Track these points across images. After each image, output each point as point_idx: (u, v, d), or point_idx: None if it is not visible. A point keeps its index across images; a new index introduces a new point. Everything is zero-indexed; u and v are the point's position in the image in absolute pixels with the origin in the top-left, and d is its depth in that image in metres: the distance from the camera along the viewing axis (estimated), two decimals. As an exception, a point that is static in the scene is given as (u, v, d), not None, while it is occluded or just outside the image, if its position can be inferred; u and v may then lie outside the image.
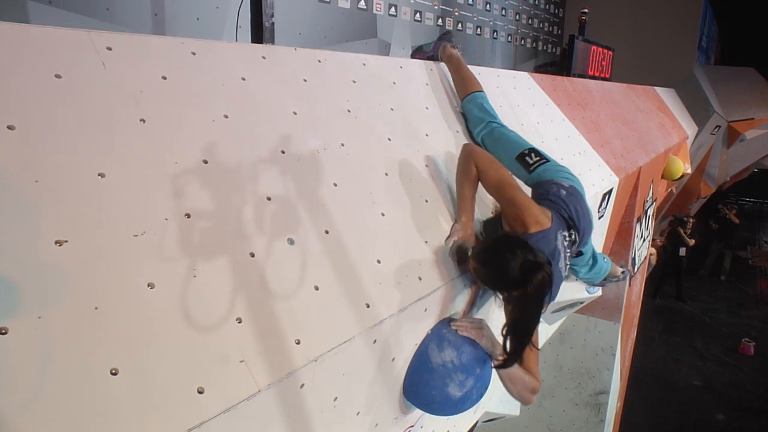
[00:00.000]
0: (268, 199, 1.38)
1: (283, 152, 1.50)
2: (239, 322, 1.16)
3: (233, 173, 1.34)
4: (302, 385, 1.24)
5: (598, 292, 3.37)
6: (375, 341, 1.45)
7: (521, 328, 1.60)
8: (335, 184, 1.58)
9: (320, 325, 1.30)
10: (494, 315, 2.08)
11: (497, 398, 3.97)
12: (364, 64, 2.08)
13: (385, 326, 1.46)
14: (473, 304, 2.00)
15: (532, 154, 2.15)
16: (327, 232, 1.46)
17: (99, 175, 1.10)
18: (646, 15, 11.29)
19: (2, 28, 1.13)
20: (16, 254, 0.94)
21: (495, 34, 9.04)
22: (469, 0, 8.13)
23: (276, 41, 4.73)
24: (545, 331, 3.32)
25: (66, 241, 1.00)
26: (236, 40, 3.61)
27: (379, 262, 1.54)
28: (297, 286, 1.31)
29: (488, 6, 8.68)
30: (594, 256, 2.73)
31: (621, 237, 4.92)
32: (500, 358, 1.66)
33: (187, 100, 1.36)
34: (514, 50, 9.83)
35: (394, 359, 1.60)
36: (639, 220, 5.14)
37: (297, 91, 1.68)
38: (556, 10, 11.46)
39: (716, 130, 11.37)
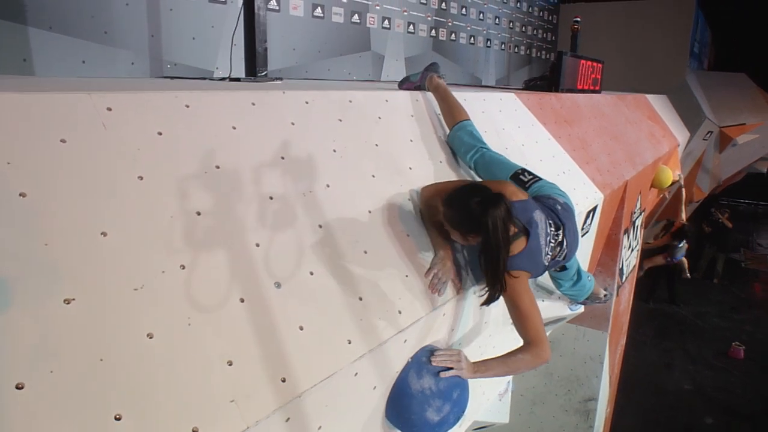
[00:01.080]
0: (257, 245, 1.50)
1: (271, 198, 1.61)
2: (230, 365, 1.28)
3: (224, 224, 1.45)
4: (287, 419, 1.36)
5: (581, 309, 3.49)
6: (356, 374, 1.57)
7: (491, 261, 1.78)
8: (320, 226, 1.70)
9: (304, 363, 1.42)
10: (472, 343, 2.20)
11: (486, 407, 4.09)
12: (350, 101, 2.19)
13: (366, 360, 1.58)
14: (453, 329, 2.12)
15: (525, 173, 2.34)
16: (312, 273, 1.58)
17: (102, 234, 1.22)
18: (639, 23, 11.42)
19: (13, 99, 1.24)
20: (30, 314, 1.05)
21: (488, 42, 9.16)
22: (463, 10, 8.24)
23: (270, 58, 4.85)
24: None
25: (74, 299, 1.11)
26: (231, 61, 3.71)
27: (360, 299, 1.66)
28: (283, 328, 1.43)
29: (481, 15, 8.80)
30: (579, 273, 2.85)
31: (608, 248, 5.04)
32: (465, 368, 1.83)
33: (181, 154, 1.48)
34: (508, 58, 9.95)
35: (375, 387, 1.71)
36: (626, 231, 5.26)
37: (285, 136, 1.80)
38: (550, 17, 11.59)
39: (708, 135, 11.52)
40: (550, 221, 2.09)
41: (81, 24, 3.66)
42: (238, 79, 3.29)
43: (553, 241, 2.09)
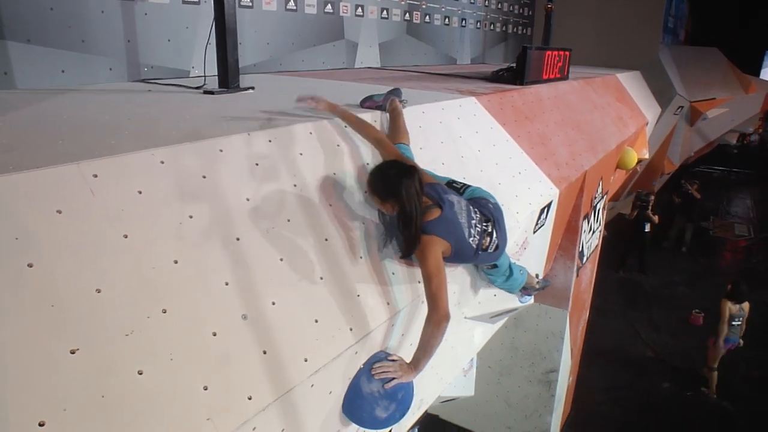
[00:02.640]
0: (226, 284, 1.78)
1: (238, 239, 1.89)
2: (205, 390, 1.58)
3: (198, 268, 1.73)
4: (254, 428, 1.67)
5: (530, 300, 3.83)
6: (312, 385, 1.88)
7: (405, 221, 2.17)
8: (281, 259, 1.98)
9: (266, 381, 1.72)
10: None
11: (451, 383, 4.47)
12: (311, 133, 2.44)
13: (320, 373, 1.89)
14: (404, 334, 2.44)
15: (456, 182, 2.75)
16: (273, 303, 1.87)
17: (96, 290, 1.49)
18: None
19: (14, 179, 1.49)
20: (44, 365, 1.33)
21: (463, 22, 9.28)
22: (437, -8, 8.33)
23: (244, 53, 5.04)
24: (489, 330, 3.78)
25: (78, 349, 1.39)
26: (204, 71, 3.91)
27: (316, 321, 1.96)
28: (250, 353, 1.73)
29: (457, -5, 8.89)
30: (511, 269, 3.15)
31: (568, 233, 5.38)
32: None
33: (158, 209, 1.74)
34: (483, 36, 10.09)
35: (330, 392, 2.04)
36: (587, 216, 5.61)
37: (249, 177, 2.06)
38: (527, -8, 11.65)
39: (679, 110, 11.83)
40: (476, 210, 2.47)
41: (58, 34, 3.81)
42: (212, 92, 3.51)
43: (479, 226, 2.44)
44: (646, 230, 11.46)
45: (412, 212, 2.14)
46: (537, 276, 3.53)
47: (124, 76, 4.30)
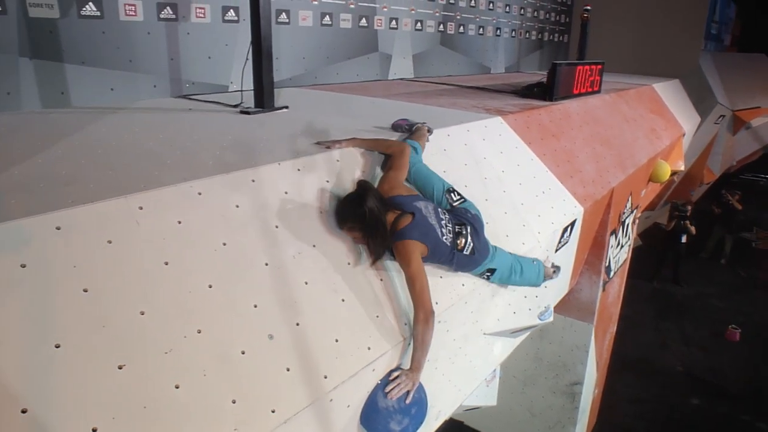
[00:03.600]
0: (255, 306, 1.96)
1: (266, 264, 2.07)
2: (234, 403, 1.77)
3: (229, 292, 1.92)
4: (277, 438, 1.85)
5: (550, 318, 3.90)
6: (331, 400, 2.05)
7: (374, 234, 2.36)
8: (306, 282, 2.16)
9: (289, 396, 1.90)
10: (440, 356, 2.66)
11: (474, 392, 4.57)
12: (337, 161, 2.61)
13: (339, 389, 2.05)
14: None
15: (455, 193, 2.91)
16: (298, 324, 2.05)
17: (140, 312, 1.69)
18: (653, 5, 11.38)
19: (74, 213, 1.70)
20: (96, 380, 1.54)
21: (498, 31, 9.33)
22: (472, 2, 8.42)
23: (281, 68, 5.27)
24: (510, 344, 3.88)
25: (125, 365, 1.59)
26: (242, 78, 4.12)
27: (337, 341, 2.13)
28: (274, 370, 1.90)
29: (491, 5, 8.96)
30: (520, 265, 3.15)
31: (595, 248, 5.42)
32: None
33: (195, 237, 1.94)
34: (518, 44, 10.11)
35: (348, 406, 2.20)
36: (614, 232, 5.62)
37: (278, 205, 2.24)
38: (564, -1, 11.59)
39: (720, 119, 11.58)
40: (444, 212, 2.65)
41: (109, 56, 4.11)
42: (248, 112, 3.73)
43: (449, 225, 2.59)
44: (683, 241, 11.27)
45: (376, 225, 2.34)
46: (552, 264, 3.57)
47: (168, 91, 4.57)
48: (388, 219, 2.42)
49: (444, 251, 2.57)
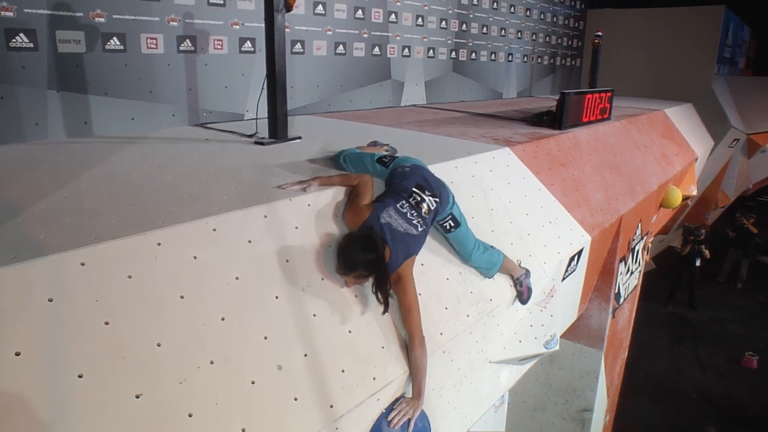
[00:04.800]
0: (265, 338, 2.06)
1: (277, 297, 2.17)
2: (243, 431, 1.85)
3: (241, 324, 2.02)
4: (283, 467, 1.93)
5: (556, 347, 3.94)
6: (337, 429, 2.13)
7: (381, 279, 2.38)
8: (314, 315, 2.25)
9: (296, 425, 1.98)
10: (447, 385, 2.71)
11: (482, 418, 4.60)
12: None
13: (344, 419, 2.13)
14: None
15: (385, 157, 2.97)
16: (306, 355, 2.13)
17: (157, 344, 1.79)
18: (665, 30, 11.49)
19: (98, 250, 1.82)
20: (115, 409, 1.64)
21: (510, 57, 9.46)
22: (483, 29, 8.57)
23: (295, 96, 5.42)
24: (517, 371, 3.92)
25: (142, 394, 1.69)
26: (256, 125, 4.27)
27: (343, 371, 2.21)
28: (283, 400, 1.99)
29: (503, 31, 9.10)
30: (482, 245, 3.13)
31: (604, 275, 5.45)
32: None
33: (209, 271, 2.04)
34: (530, 69, 10.23)
35: (354, 435, 2.27)
36: (623, 259, 5.65)
37: (290, 240, 2.35)
38: (576, 24, 11.74)
39: (734, 143, 11.55)
40: (403, 201, 2.60)
41: (130, 87, 4.29)
42: (262, 143, 3.86)
43: (413, 211, 2.59)
44: (697, 264, 11.19)
45: (385, 271, 2.38)
46: (519, 262, 3.41)
47: (186, 120, 4.74)
48: None
49: (421, 240, 2.60)
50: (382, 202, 2.61)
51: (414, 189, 2.68)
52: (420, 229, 2.59)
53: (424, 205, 2.66)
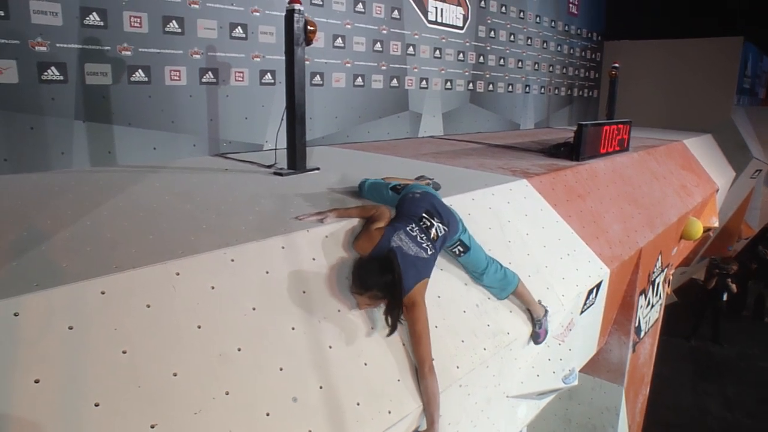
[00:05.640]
0: (281, 369, 2.05)
1: (293, 329, 2.17)
2: (255, 465, 1.83)
3: (257, 355, 2.02)
4: (296, 502, 1.90)
5: (575, 382, 3.86)
6: (352, 464, 2.09)
7: (396, 300, 2.35)
8: (330, 347, 2.24)
9: (310, 460, 1.95)
10: (462, 420, 2.67)
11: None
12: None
13: (359, 454, 2.10)
14: (441, 415, 2.60)
15: (398, 185, 3.02)
16: (321, 387, 2.12)
17: (173, 374, 1.80)
18: (684, 61, 11.51)
19: (118, 279, 1.84)
20: (127, 439, 1.64)
21: (527, 88, 9.53)
22: (501, 61, 8.66)
23: (314, 127, 5.49)
24: (535, 406, 3.84)
25: (157, 424, 1.69)
26: (275, 155, 4.33)
27: (358, 404, 2.18)
28: (296, 433, 1.97)
29: (520, 63, 9.19)
30: (490, 263, 3.10)
31: (623, 309, 5.35)
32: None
33: (226, 302, 2.05)
34: (548, 100, 10.28)
35: (369, 470, 2.23)
36: (643, 292, 5.55)
37: (307, 271, 2.36)
38: (593, 55, 11.81)
39: (756, 174, 11.40)
40: (410, 222, 2.62)
41: (153, 117, 4.40)
42: (281, 174, 3.91)
43: (422, 235, 2.59)
44: (724, 299, 10.95)
45: (400, 293, 2.35)
46: (540, 302, 3.32)
47: (206, 150, 4.83)
48: None
49: (432, 263, 2.60)
50: (393, 226, 2.62)
51: (424, 215, 2.70)
52: (429, 253, 2.59)
53: (433, 231, 2.67)
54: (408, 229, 2.62)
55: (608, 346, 5.42)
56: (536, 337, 3.31)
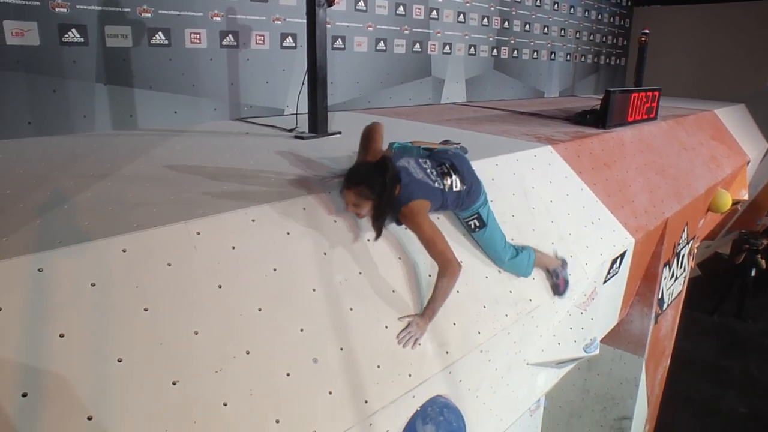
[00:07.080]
0: (301, 330, 2.04)
1: (314, 290, 2.16)
2: (277, 423, 1.84)
3: (278, 315, 2.01)
4: (316, 461, 1.91)
5: (596, 351, 3.81)
6: (371, 424, 2.10)
7: (384, 207, 2.30)
8: (351, 309, 2.22)
9: (330, 419, 1.96)
10: (483, 385, 2.66)
11: (517, 421, 4.51)
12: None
13: (378, 415, 2.10)
14: (461, 380, 2.60)
15: (431, 148, 2.85)
16: (342, 348, 2.11)
17: (194, 332, 1.80)
18: (717, 27, 11.06)
19: (139, 237, 1.84)
20: (152, 392, 1.65)
21: (553, 55, 9.28)
22: (526, 26, 8.42)
23: (335, 92, 5.43)
24: (555, 374, 3.82)
25: (179, 381, 1.70)
26: (297, 102, 4.28)
27: (378, 366, 2.18)
28: (317, 393, 1.97)
29: (546, 29, 8.93)
30: (510, 250, 2.99)
31: (647, 280, 5.26)
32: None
33: (248, 262, 2.04)
34: (573, 68, 10.01)
35: (388, 431, 2.24)
36: (668, 263, 5.45)
37: (328, 233, 2.33)
38: (622, 21, 11.42)
39: (790, 146, 11.01)
40: (425, 160, 2.57)
41: (174, 81, 4.37)
42: (302, 137, 3.87)
43: (434, 171, 2.53)
44: (752, 274, 10.74)
45: (389, 196, 2.28)
46: (556, 254, 3.31)
47: (227, 114, 4.80)
48: None
49: (437, 196, 2.50)
50: (405, 157, 2.55)
51: (446, 163, 2.62)
52: (436, 187, 2.49)
53: (449, 180, 2.57)
54: (420, 161, 2.55)
55: (630, 317, 5.36)
56: (556, 288, 3.23)
